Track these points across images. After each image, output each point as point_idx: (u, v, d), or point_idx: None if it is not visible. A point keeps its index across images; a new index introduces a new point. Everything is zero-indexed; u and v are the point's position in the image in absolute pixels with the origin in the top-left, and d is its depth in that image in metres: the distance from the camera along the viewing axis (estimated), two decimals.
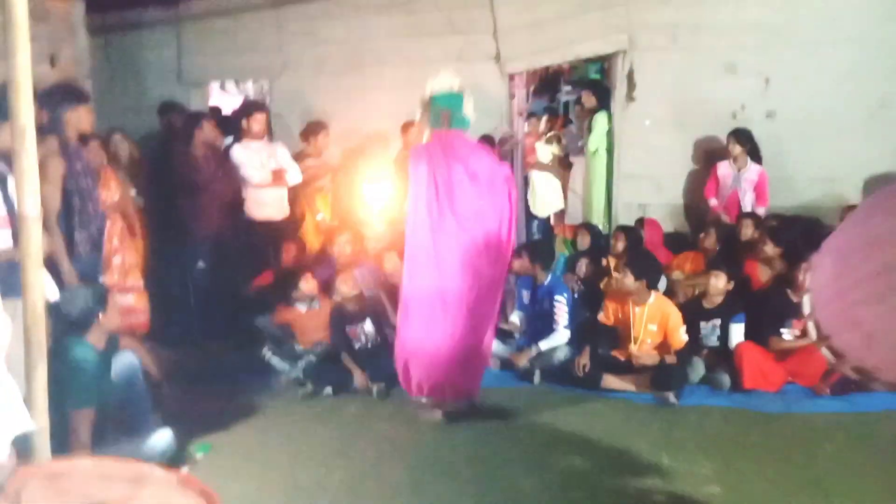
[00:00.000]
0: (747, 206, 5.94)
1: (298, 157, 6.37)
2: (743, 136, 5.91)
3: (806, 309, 2.17)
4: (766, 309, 4.76)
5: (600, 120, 6.65)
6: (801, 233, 5.12)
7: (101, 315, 3.50)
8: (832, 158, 5.98)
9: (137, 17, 7.84)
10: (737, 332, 4.73)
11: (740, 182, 5.95)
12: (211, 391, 4.69)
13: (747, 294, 5.04)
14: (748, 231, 5.58)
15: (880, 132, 5.92)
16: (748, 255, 5.34)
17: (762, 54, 6.21)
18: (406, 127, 6.48)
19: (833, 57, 6.07)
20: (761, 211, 5.87)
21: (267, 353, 4.84)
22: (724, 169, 6.02)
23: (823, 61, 6.09)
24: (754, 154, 5.96)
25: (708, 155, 6.43)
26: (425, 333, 4.13)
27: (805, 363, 4.50)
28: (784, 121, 6.13)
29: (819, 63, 6.10)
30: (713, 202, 6.09)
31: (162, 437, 3.64)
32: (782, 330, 4.71)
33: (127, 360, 3.78)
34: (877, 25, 5.95)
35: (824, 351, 2.13)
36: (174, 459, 3.60)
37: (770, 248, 5.13)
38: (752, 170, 5.93)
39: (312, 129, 6.48)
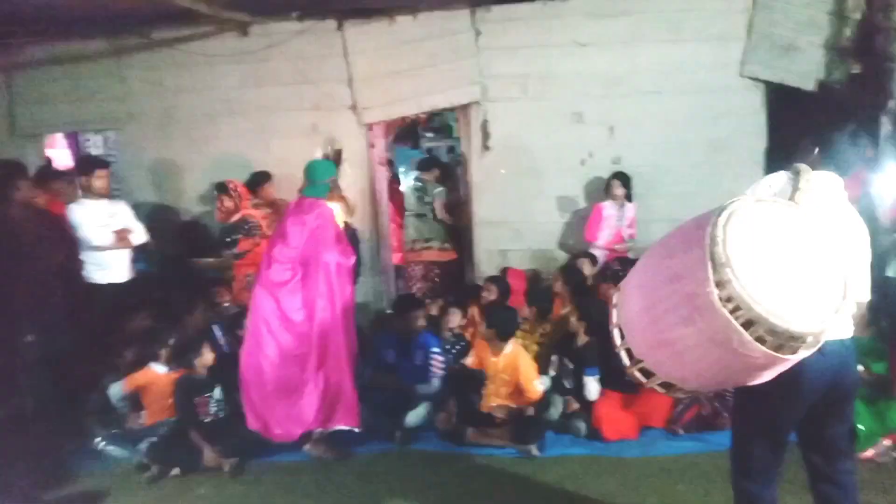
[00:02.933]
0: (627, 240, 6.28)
1: (254, 209, 6.22)
2: (624, 178, 6.26)
3: (617, 341, 2.54)
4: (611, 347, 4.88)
5: None
6: None
7: None
8: (673, 201, 6.28)
9: None
10: (591, 384, 4.76)
11: (623, 220, 6.26)
12: (44, 479, 4.25)
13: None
14: (587, 269, 5.86)
15: (713, 175, 6.31)
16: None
17: (606, 104, 6.53)
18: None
19: (669, 106, 6.46)
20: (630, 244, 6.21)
21: (101, 442, 4.44)
22: (608, 210, 6.29)
23: (661, 110, 6.47)
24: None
25: (562, 201, 6.65)
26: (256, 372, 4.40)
27: (649, 404, 4.65)
28: (628, 167, 6.42)
29: (657, 112, 6.48)
30: (599, 242, 6.29)
31: None
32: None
33: None
34: (703, 76, 6.39)
35: (635, 373, 2.51)
36: None
37: (612, 290, 5.29)
38: (629, 207, 6.29)
39: (257, 181, 6.33)
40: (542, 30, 6.50)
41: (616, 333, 2.54)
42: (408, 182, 8.35)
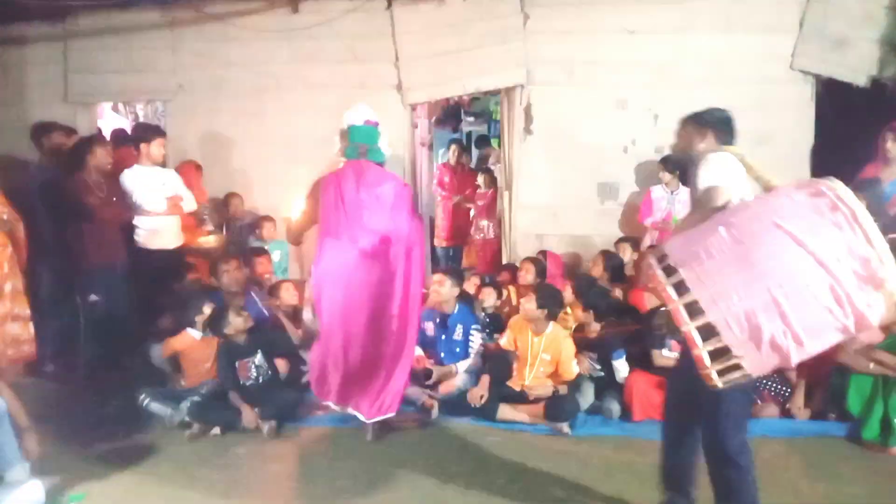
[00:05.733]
0: None
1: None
2: (671, 163, 6.18)
3: (698, 342, 2.51)
4: (649, 329, 4.90)
5: None
6: None
7: None
8: None
9: (20, 31, 7.45)
10: (620, 366, 4.81)
11: (674, 204, 6.22)
12: (89, 433, 4.42)
13: (634, 318, 5.17)
14: (626, 254, 5.86)
15: (760, 167, 6.23)
16: (635, 283, 5.52)
17: (651, 92, 6.50)
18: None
19: (716, 96, 6.32)
20: None
21: (145, 399, 4.58)
22: (657, 193, 6.28)
23: (707, 100, 6.30)
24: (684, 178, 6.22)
25: (602, 187, 6.65)
26: (340, 344, 4.24)
27: None
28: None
29: (703, 102, 6.29)
30: (648, 222, 6.28)
31: (30, 491, 3.37)
32: (663, 351, 4.83)
33: None
34: (753, 67, 6.32)
35: (711, 374, 2.52)
36: None
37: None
38: (683, 191, 6.19)
39: None
40: (591, 16, 6.49)
41: (695, 334, 2.49)
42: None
